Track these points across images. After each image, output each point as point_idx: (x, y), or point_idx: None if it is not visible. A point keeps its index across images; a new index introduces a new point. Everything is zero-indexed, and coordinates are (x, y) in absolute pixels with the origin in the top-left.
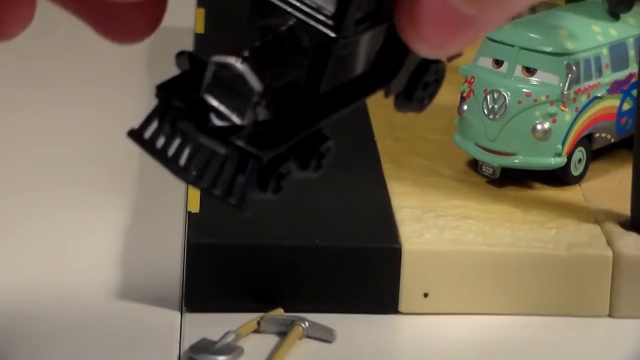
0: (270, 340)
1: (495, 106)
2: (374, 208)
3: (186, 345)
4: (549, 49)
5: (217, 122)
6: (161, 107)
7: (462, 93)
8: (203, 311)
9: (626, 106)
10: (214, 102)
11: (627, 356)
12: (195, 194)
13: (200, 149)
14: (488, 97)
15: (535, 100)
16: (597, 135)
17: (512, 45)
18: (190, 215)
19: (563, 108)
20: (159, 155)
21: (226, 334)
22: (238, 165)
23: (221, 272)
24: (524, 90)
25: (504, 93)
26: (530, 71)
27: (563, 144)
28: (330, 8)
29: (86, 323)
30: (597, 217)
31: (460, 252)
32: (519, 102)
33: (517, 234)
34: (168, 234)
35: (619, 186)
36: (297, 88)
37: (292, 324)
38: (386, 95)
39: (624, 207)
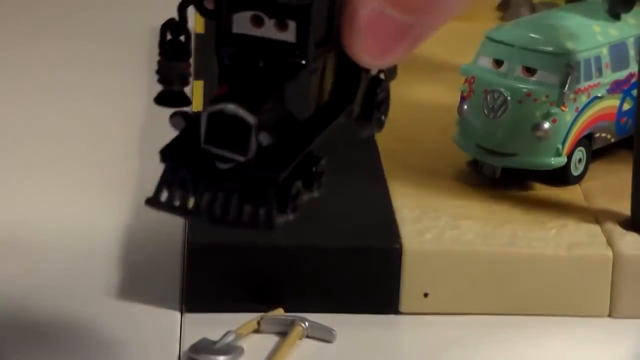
0: (270, 340)
1: (496, 106)
2: (374, 208)
3: (186, 345)
4: (549, 49)
5: (223, 166)
6: (169, 170)
7: (462, 93)
8: (203, 311)
9: (626, 106)
10: (216, 150)
11: (627, 356)
12: None
13: (216, 192)
14: (488, 97)
15: (536, 100)
16: (597, 135)
17: (512, 45)
18: None
19: (563, 108)
20: (180, 211)
21: (226, 334)
22: (257, 192)
23: (221, 272)
24: (524, 90)
25: (504, 93)
26: (530, 71)
27: (563, 143)
28: (291, 39)
29: (86, 323)
30: (597, 217)
31: (460, 252)
32: (519, 102)
33: (517, 234)
34: (168, 234)
35: (619, 186)
36: (282, 119)
37: (292, 324)
38: (349, 116)
39: (624, 207)
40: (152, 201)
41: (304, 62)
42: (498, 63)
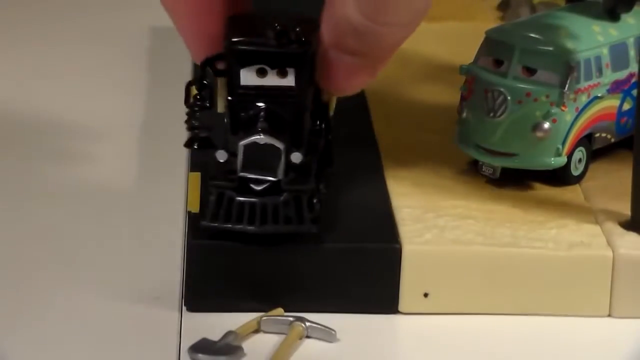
0: (270, 340)
1: (496, 106)
2: (374, 208)
3: (186, 345)
4: (549, 49)
5: (258, 188)
6: (216, 193)
7: (462, 93)
8: (203, 311)
9: (626, 106)
10: (251, 175)
11: (627, 356)
12: (195, 194)
13: (255, 207)
14: (488, 97)
15: (536, 100)
16: (597, 135)
17: (512, 45)
18: (190, 215)
19: (563, 108)
20: (228, 224)
21: (226, 334)
22: (295, 201)
23: (221, 272)
24: (524, 90)
25: (504, 93)
26: (530, 71)
27: (563, 143)
28: (291, 83)
29: (86, 322)
30: (597, 217)
31: (460, 252)
32: (519, 102)
33: (517, 233)
34: (168, 234)
35: (619, 186)
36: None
37: (292, 324)
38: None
39: (624, 207)
40: (207, 222)
41: (301, 99)
42: (498, 63)
